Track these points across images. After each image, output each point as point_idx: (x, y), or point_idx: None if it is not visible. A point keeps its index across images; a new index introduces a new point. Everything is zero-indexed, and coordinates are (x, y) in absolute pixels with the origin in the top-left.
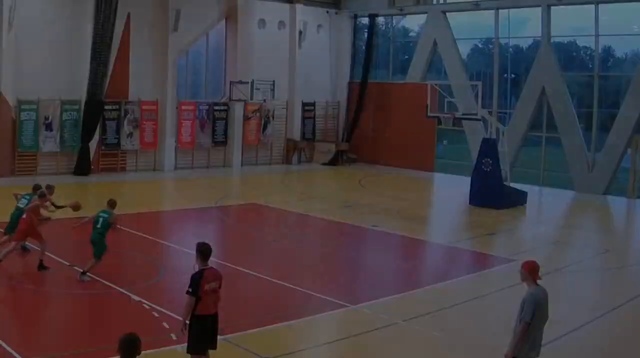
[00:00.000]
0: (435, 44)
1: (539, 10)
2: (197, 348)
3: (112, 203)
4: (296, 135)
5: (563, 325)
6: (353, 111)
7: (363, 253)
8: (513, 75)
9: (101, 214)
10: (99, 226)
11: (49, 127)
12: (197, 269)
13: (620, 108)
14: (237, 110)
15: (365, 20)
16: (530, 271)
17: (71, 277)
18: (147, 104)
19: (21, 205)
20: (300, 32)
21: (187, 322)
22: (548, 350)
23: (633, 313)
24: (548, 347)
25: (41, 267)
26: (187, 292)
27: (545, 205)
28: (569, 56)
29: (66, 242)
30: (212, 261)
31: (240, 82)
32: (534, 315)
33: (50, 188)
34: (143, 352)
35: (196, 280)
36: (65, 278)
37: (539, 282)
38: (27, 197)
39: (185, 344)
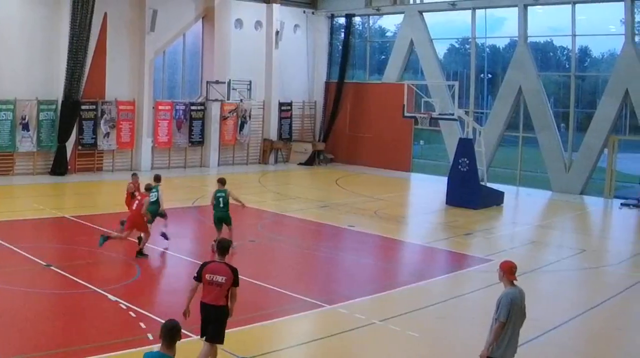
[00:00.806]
0: (412, 43)
1: (515, 10)
2: (202, 332)
3: (222, 181)
4: (273, 135)
5: (540, 324)
6: (330, 111)
7: (340, 253)
8: (490, 75)
9: (219, 194)
10: (222, 206)
11: (25, 127)
12: None
13: (597, 108)
14: (214, 110)
15: (342, 20)
16: (506, 271)
17: (47, 276)
18: (123, 104)
19: (153, 199)
20: (277, 32)
21: (187, 306)
22: (525, 350)
23: (609, 313)
24: (525, 347)
25: (140, 253)
26: (193, 277)
27: (522, 205)
28: (545, 56)
29: (42, 241)
30: (188, 261)
31: (217, 82)
32: (510, 315)
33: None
34: (120, 352)
35: (199, 268)
36: (41, 277)
37: (515, 282)
38: (155, 190)
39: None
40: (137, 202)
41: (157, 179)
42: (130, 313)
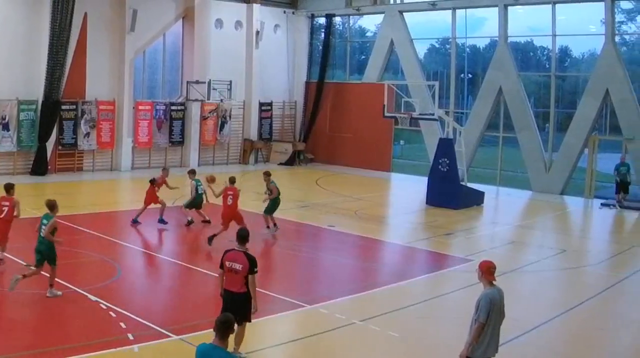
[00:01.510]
0: (392, 43)
1: (495, 10)
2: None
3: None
4: (253, 135)
5: (520, 325)
6: (310, 111)
7: (320, 253)
8: (470, 75)
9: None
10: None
11: (5, 127)
12: None
13: (577, 108)
14: (194, 110)
15: (323, 20)
16: (484, 271)
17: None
18: (104, 104)
19: (200, 191)
20: (257, 32)
21: (220, 289)
22: (505, 350)
23: (589, 313)
24: (505, 347)
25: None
26: (219, 265)
27: (502, 205)
28: (526, 56)
29: (22, 241)
30: (168, 260)
31: (197, 82)
32: (489, 315)
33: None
34: (100, 352)
35: (222, 256)
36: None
37: (494, 282)
38: (200, 183)
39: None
40: (231, 196)
41: (193, 172)
42: (111, 313)
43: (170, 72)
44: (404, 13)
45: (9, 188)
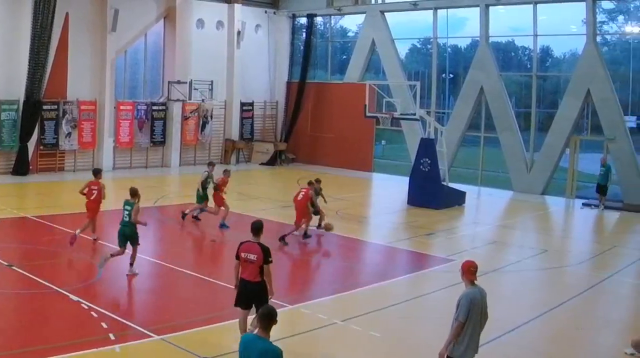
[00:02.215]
0: (373, 43)
1: (477, 10)
2: (237, 303)
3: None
4: (235, 135)
5: (501, 324)
6: (291, 111)
7: (301, 253)
8: (451, 75)
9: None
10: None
11: None
12: None
13: (558, 108)
14: (176, 110)
15: (304, 20)
16: (465, 271)
17: (9, 276)
18: (85, 104)
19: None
20: (239, 32)
21: (236, 281)
22: (486, 349)
23: (570, 313)
24: (486, 346)
25: (282, 239)
26: (235, 256)
27: (483, 205)
28: (507, 56)
29: (3, 241)
30: (150, 261)
31: (179, 82)
32: (469, 315)
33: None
34: (81, 352)
35: (237, 248)
36: (2, 277)
37: (475, 282)
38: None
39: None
40: (302, 194)
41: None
42: (92, 313)
43: (151, 72)
44: (385, 13)
45: (97, 172)
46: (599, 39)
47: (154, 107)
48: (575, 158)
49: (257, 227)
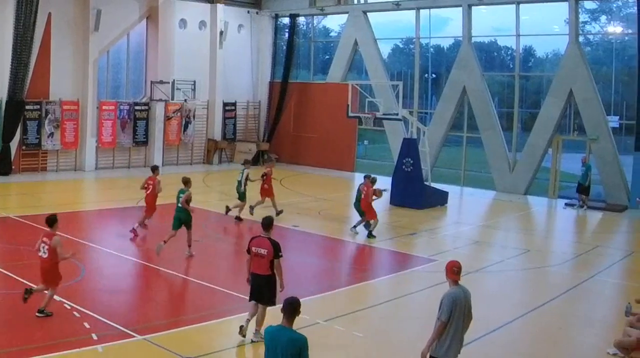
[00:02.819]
0: (356, 43)
1: (459, 10)
2: (251, 297)
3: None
4: (217, 135)
5: (483, 324)
6: (274, 111)
7: (284, 253)
8: (434, 75)
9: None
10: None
11: None
12: None
13: (541, 108)
14: (158, 110)
15: (286, 20)
16: (448, 271)
17: None
18: (68, 104)
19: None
20: (221, 32)
21: (248, 274)
22: (469, 349)
23: (553, 313)
24: (469, 346)
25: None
26: (246, 250)
27: (466, 205)
28: (490, 56)
29: None
30: (132, 261)
31: (161, 82)
32: (451, 315)
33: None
34: (64, 352)
35: (248, 244)
36: None
37: (459, 282)
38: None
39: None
40: (365, 192)
41: (247, 162)
42: (75, 313)
43: (134, 72)
44: (367, 13)
45: (154, 169)
46: (581, 39)
47: (137, 107)
48: (558, 158)
49: (267, 223)
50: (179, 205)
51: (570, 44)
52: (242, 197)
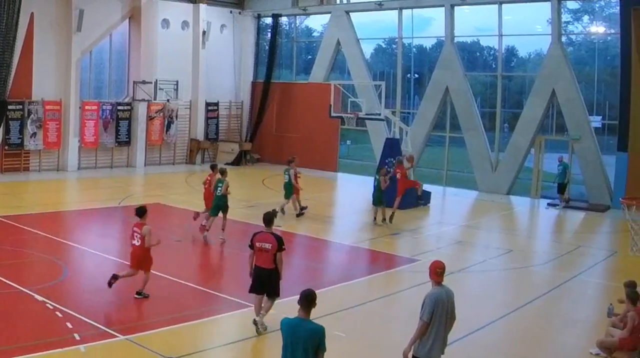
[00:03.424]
0: (338, 43)
1: (442, 10)
2: (252, 289)
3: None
4: (200, 135)
5: (466, 324)
6: (257, 111)
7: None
8: (416, 75)
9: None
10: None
11: None
12: None
13: (523, 108)
14: (141, 110)
15: (269, 20)
16: (431, 272)
17: None
18: (50, 104)
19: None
20: (204, 32)
21: (251, 270)
22: (450, 349)
23: (535, 313)
24: (451, 346)
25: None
26: (248, 246)
27: (448, 205)
28: (472, 56)
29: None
30: (115, 261)
31: (144, 82)
32: (433, 315)
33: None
34: (46, 352)
35: (251, 239)
36: None
37: (443, 282)
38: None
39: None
40: (399, 174)
41: (290, 161)
42: (57, 313)
43: (116, 72)
44: (350, 13)
45: (213, 167)
46: (564, 39)
47: (119, 107)
48: (541, 158)
49: (269, 218)
50: (218, 193)
51: (553, 44)
52: (290, 194)
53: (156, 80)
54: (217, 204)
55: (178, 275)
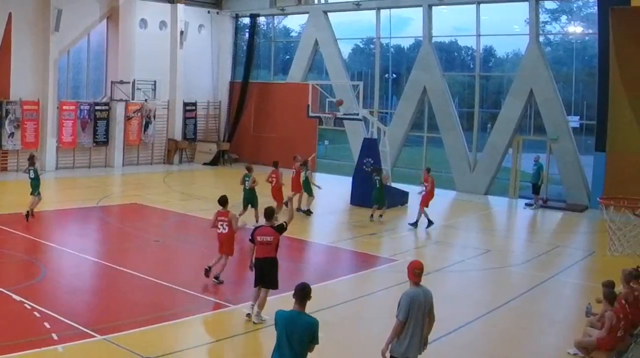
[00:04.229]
0: (316, 43)
1: (420, 10)
2: (256, 283)
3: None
4: (178, 135)
5: (444, 324)
6: (234, 111)
7: (244, 253)
8: (394, 75)
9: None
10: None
11: None
12: None
13: (501, 108)
14: (119, 110)
15: (247, 20)
16: (409, 273)
17: None
18: (28, 104)
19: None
20: (182, 32)
21: (251, 263)
22: (429, 349)
23: (513, 313)
24: (429, 346)
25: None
26: (249, 240)
27: None
28: (450, 56)
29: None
30: (93, 261)
31: (122, 82)
32: (409, 314)
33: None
34: (24, 352)
35: (252, 233)
36: None
37: (420, 283)
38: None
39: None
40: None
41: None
42: (35, 313)
43: (94, 72)
44: (328, 13)
45: (276, 164)
46: (542, 39)
47: (97, 107)
48: (518, 158)
49: (269, 213)
50: (247, 188)
51: (531, 44)
52: (311, 192)
53: (134, 80)
54: (246, 198)
55: (157, 275)
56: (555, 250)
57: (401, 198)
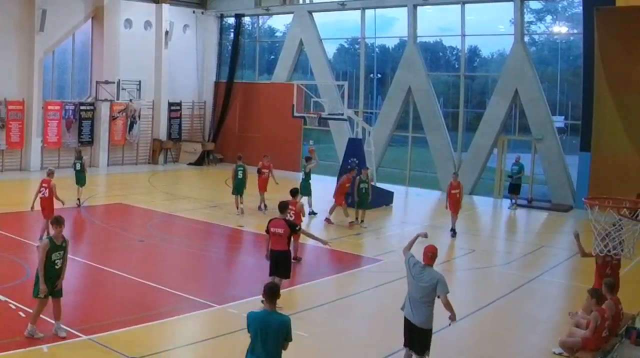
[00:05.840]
0: (301, 43)
1: (405, 10)
2: (271, 272)
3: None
4: (162, 135)
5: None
6: (219, 111)
7: (229, 253)
8: (379, 75)
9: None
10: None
11: None
12: None
13: (486, 108)
14: (104, 110)
15: (232, 20)
16: (423, 256)
17: None
18: (13, 104)
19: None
20: (167, 32)
21: (267, 253)
22: None
23: (498, 313)
24: None
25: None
26: (265, 231)
27: (411, 205)
28: (435, 56)
29: None
30: (78, 261)
31: (107, 82)
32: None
33: None
34: (9, 352)
35: (267, 225)
36: None
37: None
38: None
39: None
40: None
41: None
42: (20, 313)
43: (79, 72)
44: (313, 13)
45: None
46: (526, 39)
47: (82, 107)
48: (503, 158)
49: (283, 206)
50: (239, 177)
51: (516, 44)
52: (309, 192)
53: (119, 80)
54: (236, 186)
55: (141, 275)
56: (540, 250)
57: (386, 198)
